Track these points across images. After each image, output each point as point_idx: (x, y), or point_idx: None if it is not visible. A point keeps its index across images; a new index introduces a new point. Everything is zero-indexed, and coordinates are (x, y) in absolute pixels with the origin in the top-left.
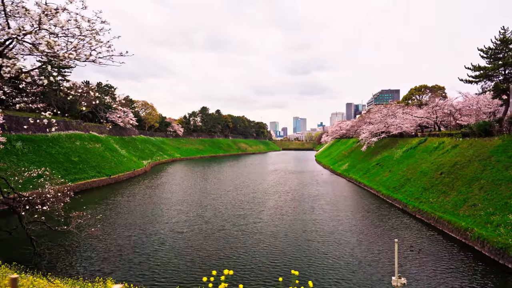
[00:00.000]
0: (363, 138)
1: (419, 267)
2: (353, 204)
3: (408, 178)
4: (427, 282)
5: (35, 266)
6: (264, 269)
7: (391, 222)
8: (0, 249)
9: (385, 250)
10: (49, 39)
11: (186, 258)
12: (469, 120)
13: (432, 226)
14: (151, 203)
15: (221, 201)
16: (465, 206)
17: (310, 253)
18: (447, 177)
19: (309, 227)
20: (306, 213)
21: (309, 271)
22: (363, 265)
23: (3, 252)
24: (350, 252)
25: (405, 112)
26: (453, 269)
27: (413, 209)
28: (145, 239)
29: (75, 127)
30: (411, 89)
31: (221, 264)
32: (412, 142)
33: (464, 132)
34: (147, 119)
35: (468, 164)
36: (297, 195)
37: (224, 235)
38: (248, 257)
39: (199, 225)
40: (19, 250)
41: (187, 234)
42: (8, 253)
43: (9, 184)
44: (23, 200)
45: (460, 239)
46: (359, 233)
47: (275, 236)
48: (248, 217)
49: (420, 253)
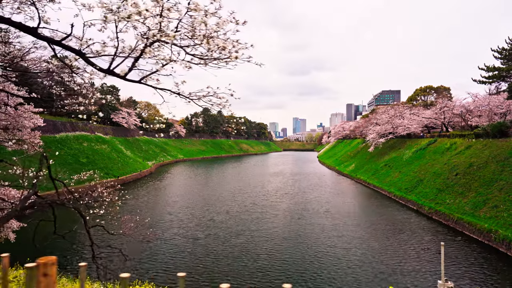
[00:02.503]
0: (371, 139)
1: (448, 270)
2: (367, 206)
3: (421, 179)
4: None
5: (96, 272)
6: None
7: (409, 225)
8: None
9: (417, 253)
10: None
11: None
12: (480, 121)
13: (451, 228)
14: (171, 205)
15: (241, 208)
16: (485, 207)
17: (346, 261)
18: (463, 178)
19: (326, 231)
20: (321, 217)
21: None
22: (405, 270)
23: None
24: (385, 257)
25: (412, 112)
26: (483, 271)
27: (429, 210)
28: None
29: (81, 128)
30: (416, 89)
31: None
32: (422, 143)
33: (476, 133)
34: (150, 120)
35: (485, 165)
36: (309, 196)
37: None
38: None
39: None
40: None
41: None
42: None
43: (67, 188)
44: (81, 204)
45: (482, 241)
46: (382, 237)
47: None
48: (266, 222)
49: (437, 254)
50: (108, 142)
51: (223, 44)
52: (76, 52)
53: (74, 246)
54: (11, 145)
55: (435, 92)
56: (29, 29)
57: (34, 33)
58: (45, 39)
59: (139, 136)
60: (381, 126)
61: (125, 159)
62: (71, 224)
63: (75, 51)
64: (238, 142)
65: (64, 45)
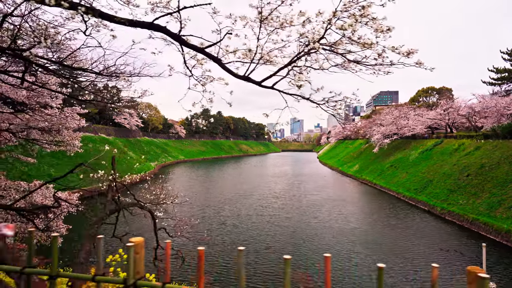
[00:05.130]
0: (376, 140)
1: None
2: (380, 208)
3: (430, 179)
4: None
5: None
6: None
7: (424, 226)
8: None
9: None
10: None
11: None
12: (486, 122)
13: (466, 228)
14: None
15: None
16: (501, 208)
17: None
18: (475, 179)
19: (347, 233)
20: (334, 220)
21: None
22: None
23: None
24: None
25: (417, 113)
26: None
27: (441, 210)
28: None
29: (85, 129)
30: (418, 90)
31: None
32: (427, 144)
33: (485, 134)
34: (151, 120)
35: (497, 165)
36: (318, 197)
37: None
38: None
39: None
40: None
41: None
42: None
43: (129, 190)
44: (146, 207)
45: (500, 241)
46: (401, 239)
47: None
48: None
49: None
50: (112, 143)
51: (381, 51)
52: (214, 59)
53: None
54: (51, 147)
55: (437, 93)
56: (174, 35)
57: (177, 38)
58: (190, 47)
59: (140, 137)
60: (386, 127)
61: (129, 160)
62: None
63: (214, 58)
64: (237, 143)
65: (206, 53)
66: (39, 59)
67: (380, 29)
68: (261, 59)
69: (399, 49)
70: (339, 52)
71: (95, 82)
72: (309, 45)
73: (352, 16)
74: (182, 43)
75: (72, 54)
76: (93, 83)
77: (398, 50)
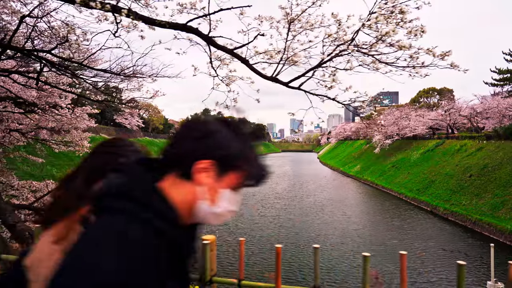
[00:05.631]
0: (377, 140)
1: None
2: (383, 208)
3: (432, 180)
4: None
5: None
6: None
7: (428, 228)
8: None
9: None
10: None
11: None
12: (487, 123)
13: (469, 229)
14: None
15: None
16: (504, 209)
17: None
18: (478, 180)
19: (354, 235)
20: (338, 221)
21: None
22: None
23: None
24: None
25: (418, 114)
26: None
27: (444, 211)
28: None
29: (87, 128)
30: (419, 91)
31: None
32: (429, 145)
33: (487, 135)
34: (152, 121)
35: (500, 166)
36: (320, 197)
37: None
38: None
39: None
40: None
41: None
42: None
43: None
44: None
45: (504, 242)
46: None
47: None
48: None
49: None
50: None
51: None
52: (242, 60)
53: None
54: (60, 147)
55: (438, 94)
56: (204, 36)
57: (208, 39)
58: (220, 47)
59: (141, 137)
60: (387, 128)
61: None
62: None
63: (242, 59)
64: None
65: (235, 54)
66: (59, 59)
67: (414, 31)
68: (288, 60)
69: (433, 51)
70: (371, 54)
71: (109, 82)
72: (340, 46)
73: (388, 17)
74: (212, 44)
75: (92, 56)
76: (106, 84)
77: (432, 52)
